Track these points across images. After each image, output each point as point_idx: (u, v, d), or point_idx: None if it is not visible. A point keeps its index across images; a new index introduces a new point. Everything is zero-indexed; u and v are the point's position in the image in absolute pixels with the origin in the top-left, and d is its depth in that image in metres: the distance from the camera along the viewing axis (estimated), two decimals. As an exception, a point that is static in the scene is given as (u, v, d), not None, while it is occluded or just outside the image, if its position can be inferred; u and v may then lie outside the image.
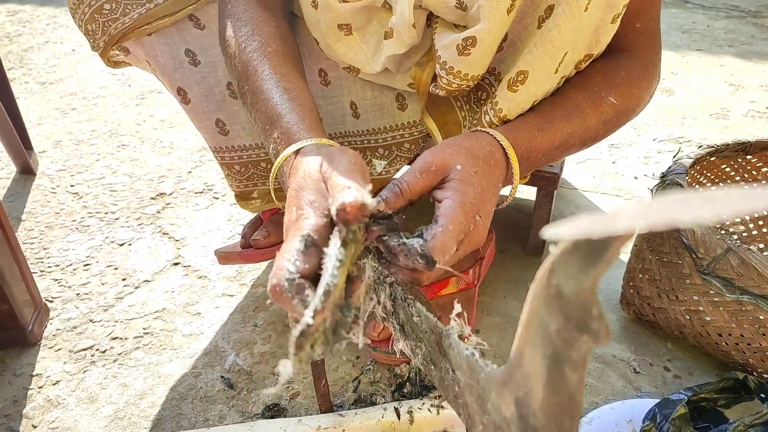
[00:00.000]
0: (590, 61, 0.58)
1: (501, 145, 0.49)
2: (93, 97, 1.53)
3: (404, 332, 0.45)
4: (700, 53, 1.80)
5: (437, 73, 0.55)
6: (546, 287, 0.23)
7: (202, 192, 1.10)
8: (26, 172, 1.16)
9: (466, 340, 0.37)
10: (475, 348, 0.35)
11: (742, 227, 0.90)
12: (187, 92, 0.71)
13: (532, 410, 0.27)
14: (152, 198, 1.09)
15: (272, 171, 0.48)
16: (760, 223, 0.88)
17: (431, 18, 0.56)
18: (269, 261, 0.86)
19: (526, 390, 0.27)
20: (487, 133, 0.50)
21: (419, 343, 0.44)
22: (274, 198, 0.52)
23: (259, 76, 0.51)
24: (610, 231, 0.17)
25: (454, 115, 0.60)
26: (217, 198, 1.08)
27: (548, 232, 0.18)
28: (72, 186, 1.13)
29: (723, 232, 0.89)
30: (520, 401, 0.28)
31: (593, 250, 0.20)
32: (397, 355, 0.63)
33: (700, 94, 1.51)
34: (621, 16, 0.55)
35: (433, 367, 0.43)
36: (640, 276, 0.74)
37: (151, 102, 1.49)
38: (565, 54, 0.53)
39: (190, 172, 1.17)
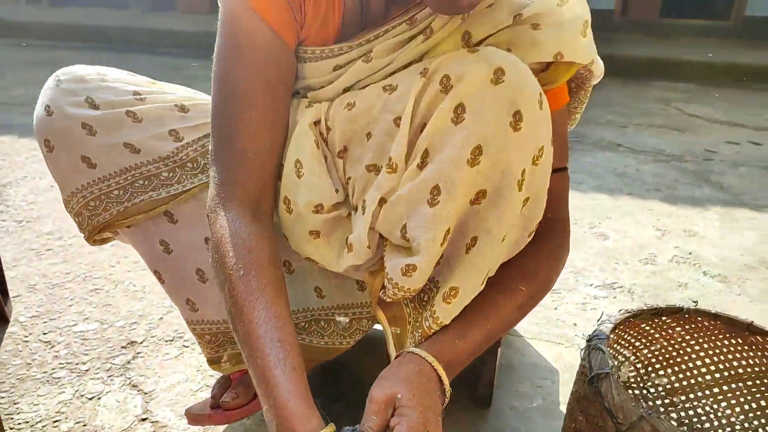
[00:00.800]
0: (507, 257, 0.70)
1: (427, 361, 0.59)
2: (69, 237, 1.60)
3: None
4: (630, 197, 2.03)
5: (385, 284, 0.65)
6: None
7: (172, 340, 1.16)
8: (1, 320, 1.20)
9: None
10: None
11: (665, 380, 1.00)
12: (161, 274, 0.80)
13: None
14: (123, 347, 1.13)
15: None
16: (680, 377, 0.99)
17: (383, 237, 0.67)
18: (237, 420, 0.91)
19: None
20: (413, 353, 0.60)
21: None
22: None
23: (255, 320, 0.59)
24: None
25: (402, 311, 0.70)
26: (187, 346, 1.14)
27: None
28: (45, 334, 1.17)
29: (648, 384, 1.00)
30: None
31: None
32: None
33: (630, 239, 1.69)
34: (534, 232, 0.67)
35: None
36: (574, 435, 0.82)
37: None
38: (488, 271, 0.64)
39: (161, 318, 1.23)
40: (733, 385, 0.95)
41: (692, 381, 0.98)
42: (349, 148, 0.69)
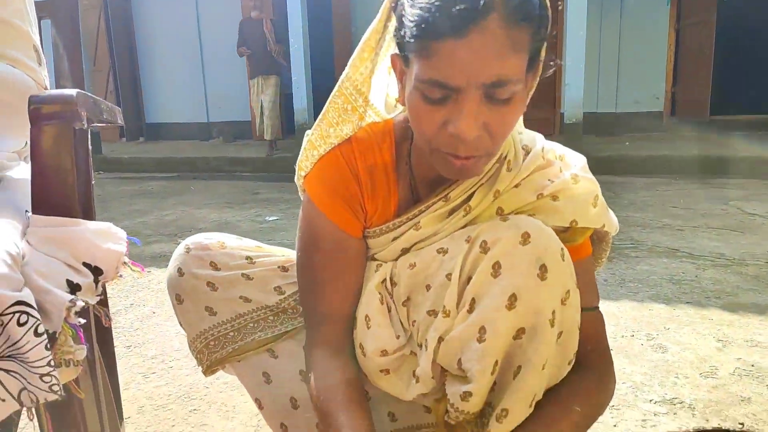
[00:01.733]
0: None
1: None
2: (170, 360, 1.83)
3: None
4: (689, 306, 2.06)
5: (448, 409, 0.80)
6: None
7: (260, 458, 1.31)
8: (117, 439, 1.39)
9: None
10: None
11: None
12: (261, 401, 0.98)
13: None
14: (219, 464, 1.29)
15: None
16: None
17: (445, 369, 0.83)
18: None
19: None
20: None
21: None
22: None
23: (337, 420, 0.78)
24: None
25: (466, 433, 0.83)
26: (274, 464, 1.28)
27: None
28: (154, 453, 1.35)
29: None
30: None
31: None
32: None
33: (689, 351, 1.72)
34: (573, 361, 0.81)
35: None
36: None
37: (217, 364, 1.77)
38: (535, 395, 0.78)
39: (250, 437, 1.39)
40: (791, 506, 0.98)
41: (749, 501, 1.02)
42: (411, 298, 0.87)
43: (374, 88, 0.89)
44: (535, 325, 0.74)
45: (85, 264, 0.96)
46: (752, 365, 1.62)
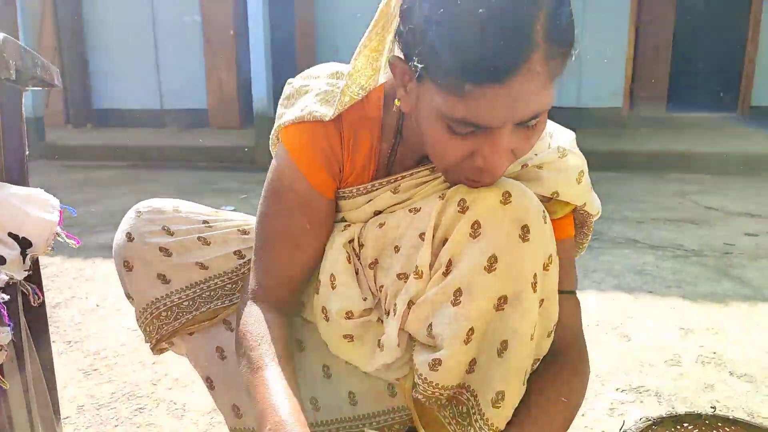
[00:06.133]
0: (537, 362, 0.77)
1: None
2: (113, 357, 1.70)
3: None
4: (651, 295, 2.06)
5: (415, 381, 0.73)
6: None
7: (211, 459, 1.21)
8: (51, 442, 1.27)
9: None
10: None
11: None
12: (212, 380, 0.89)
13: None
14: (165, 467, 1.19)
15: None
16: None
17: (412, 337, 0.76)
18: None
19: None
20: None
21: None
22: None
23: (266, 368, 0.72)
24: None
25: (438, 420, 0.76)
26: (226, 466, 1.19)
27: None
28: (92, 456, 1.23)
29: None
30: None
31: None
32: None
33: (653, 340, 1.71)
34: (553, 332, 0.76)
35: None
36: None
37: (165, 359, 1.65)
38: (526, 370, 0.72)
39: (200, 436, 1.29)
40: (762, 494, 0.96)
41: (720, 490, 0.99)
42: (379, 260, 0.80)
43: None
44: (517, 292, 0.69)
45: (10, 234, 0.85)
46: (714, 353, 1.62)
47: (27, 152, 1.08)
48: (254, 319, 0.78)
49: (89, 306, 2.10)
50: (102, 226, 3.24)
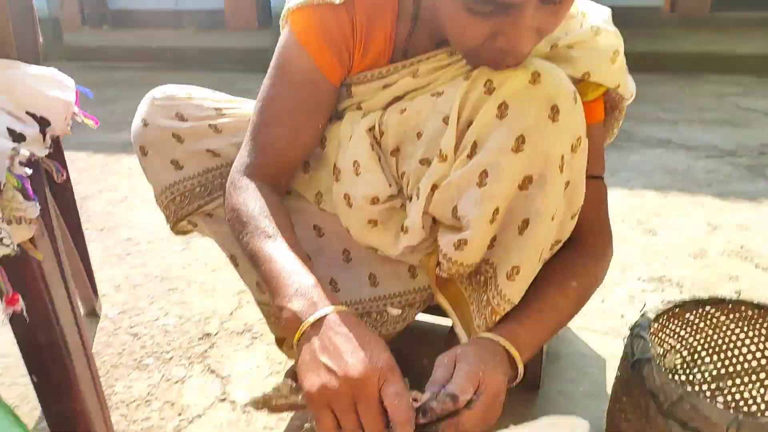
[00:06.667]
0: (559, 244, 0.77)
1: (493, 340, 0.66)
2: (145, 243, 1.75)
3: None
4: (681, 193, 2.02)
5: (440, 261, 0.74)
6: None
7: (242, 333, 1.27)
8: (92, 314, 1.34)
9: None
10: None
11: (711, 366, 1.03)
12: (236, 257, 0.91)
13: None
14: (200, 338, 1.25)
15: (296, 335, 0.61)
16: (726, 363, 1.02)
17: (436, 220, 0.76)
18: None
19: None
20: (481, 338, 0.67)
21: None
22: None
23: (265, 243, 0.69)
24: None
25: (461, 294, 0.78)
26: (256, 338, 1.25)
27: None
28: (131, 327, 1.30)
29: (695, 370, 1.03)
30: None
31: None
32: None
33: (680, 234, 1.70)
34: (577, 214, 0.75)
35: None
36: (618, 414, 0.87)
37: (194, 246, 1.71)
38: (543, 248, 0.72)
39: (231, 313, 1.35)
40: (780, 371, 0.98)
41: (738, 367, 1.01)
42: (401, 148, 0.78)
43: None
44: (543, 172, 0.66)
45: (28, 113, 0.85)
46: (741, 246, 1.61)
47: (40, 35, 1.05)
48: (251, 193, 0.75)
49: (118, 197, 2.15)
50: (125, 124, 3.23)
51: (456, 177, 0.69)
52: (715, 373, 1.02)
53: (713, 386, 1.03)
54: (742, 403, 1.00)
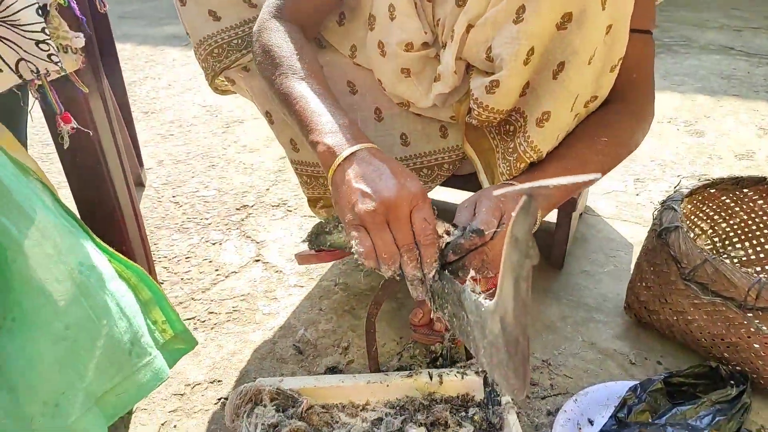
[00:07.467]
0: (597, 101, 0.75)
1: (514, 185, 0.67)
2: (187, 125, 1.80)
3: (439, 305, 0.63)
4: (735, 98, 1.92)
5: (471, 107, 0.73)
6: (510, 236, 0.41)
7: (278, 206, 1.32)
8: (138, 184, 1.41)
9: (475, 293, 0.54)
10: (478, 294, 0.53)
11: (741, 252, 1.02)
12: (272, 114, 0.92)
13: (507, 321, 0.45)
14: (237, 209, 1.31)
15: (331, 169, 0.63)
16: (758, 249, 1.00)
17: (469, 67, 0.75)
18: (334, 261, 1.06)
19: (505, 308, 0.45)
20: (510, 183, 0.68)
21: (446, 304, 0.62)
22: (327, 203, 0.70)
23: (305, 80, 0.69)
24: (527, 190, 0.35)
25: (488, 143, 0.78)
26: (291, 211, 1.30)
27: (497, 192, 0.36)
28: (173, 197, 1.37)
29: (724, 256, 1.02)
30: (502, 318, 0.46)
31: (527, 212, 0.37)
32: (434, 333, 0.80)
33: (728, 137, 1.63)
34: (617, 67, 0.72)
35: (455, 320, 0.60)
36: (639, 284, 0.89)
37: (234, 131, 1.74)
38: (577, 97, 0.70)
39: (268, 189, 1.40)
40: (813, 257, 0.96)
41: (770, 253, 1.00)
42: None
43: None
44: (584, 8, 0.64)
45: None
46: (793, 151, 1.53)
47: None
48: (282, 34, 0.74)
49: (162, 84, 2.19)
50: (168, 19, 3.23)
51: (492, 13, 0.67)
52: (744, 259, 1.01)
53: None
54: None
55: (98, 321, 0.58)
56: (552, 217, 1.23)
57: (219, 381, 0.85)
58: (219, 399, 0.82)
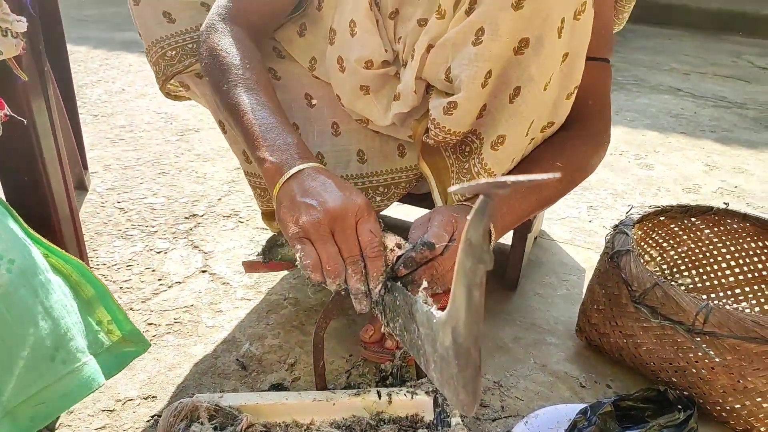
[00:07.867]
0: (553, 127, 0.75)
1: (467, 205, 0.66)
2: (139, 131, 1.73)
3: (390, 318, 0.61)
4: (683, 135, 2.00)
5: (429, 126, 0.72)
6: (464, 241, 0.39)
7: (229, 216, 1.27)
8: (80, 187, 1.34)
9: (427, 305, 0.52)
10: (431, 306, 0.50)
11: (689, 280, 1.04)
12: (224, 123, 0.89)
13: (459, 331, 0.43)
14: (186, 217, 1.26)
15: (276, 186, 0.62)
16: (704, 278, 1.03)
17: (429, 87, 0.74)
18: (283, 273, 1.02)
19: (457, 318, 0.43)
20: (463, 204, 0.67)
21: (397, 317, 0.59)
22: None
23: (254, 92, 0.67)
24: (482, 190, 0.33)
25: (443, 161, 0.77)
26: (242, 222, 1.25)
27: (453, 188, 0.35)
28: (118, 202, 1.30)
29: (673, 283, 1.04)
30: (454, 329, 0.44)
31: (482, 214, 0.36)
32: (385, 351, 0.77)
33: (676, 171, 1.69)
34: (573, 95, 0.73)
35: (406, 334, 0.58)
36: (591, 307, 0.89)
37: (189, 139, 1.69)
38: (532, 122, 0.70)
39: (219, 199, 1.35)
40: (756, 287, 0.99)
41: (715, 282, 1.02)
42: (400, 10, 0.75)
43: None
44: (541, 35, 0.64)
45: None
46: (735, 186, 1.60)
47: None
48: (231, 39, 0.72)
49: (115, 89, 2.11)
50: (127, 24, 3.15)
51: (452, 34, 0.66)
52: (691, 286, 1.03)
53: (687, 298, 1.05)
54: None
55: (13, 322, 0.52)
56: (507, 239, 1.23)
57: (154, 397, 0.79)
58: (152, 417, 0.76)
